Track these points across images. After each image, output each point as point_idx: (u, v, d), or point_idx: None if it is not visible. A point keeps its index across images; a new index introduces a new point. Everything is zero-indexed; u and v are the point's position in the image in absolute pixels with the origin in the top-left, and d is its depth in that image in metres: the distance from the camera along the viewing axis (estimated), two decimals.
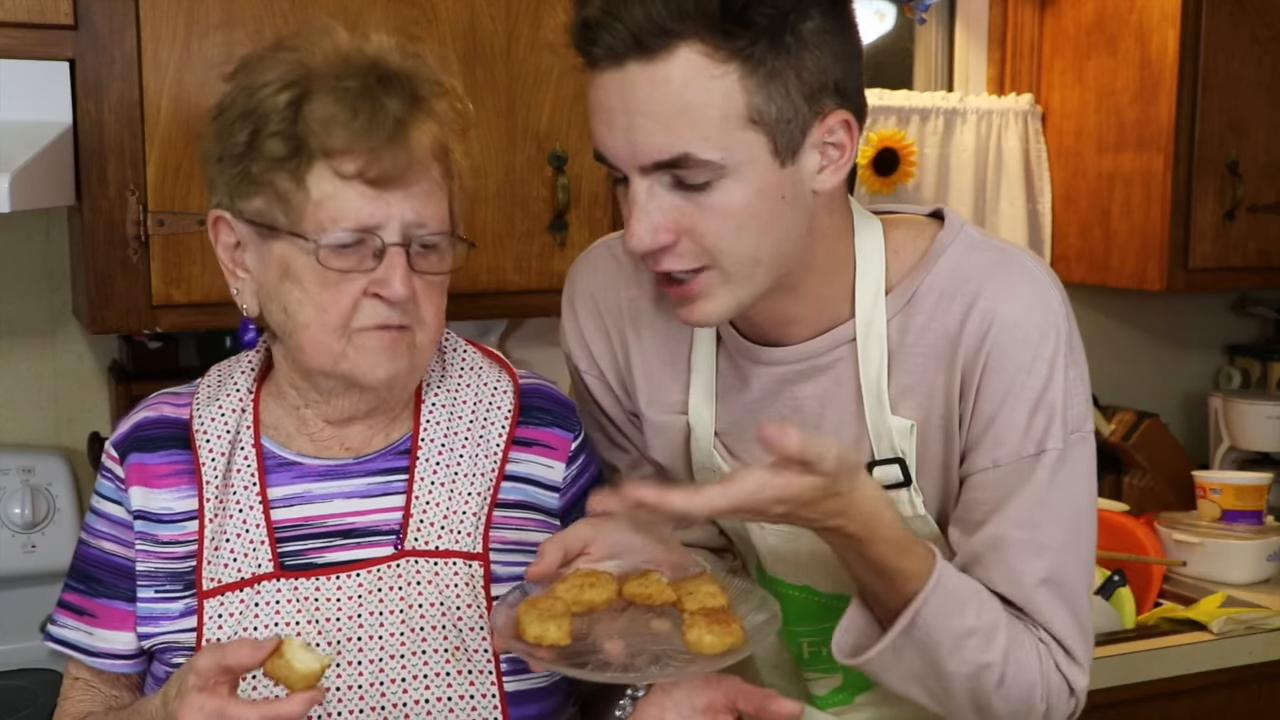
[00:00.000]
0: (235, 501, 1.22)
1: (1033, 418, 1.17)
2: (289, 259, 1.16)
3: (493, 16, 2.01)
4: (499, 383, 1.33)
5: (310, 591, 1.19)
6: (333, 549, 1.23)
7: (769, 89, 1.08)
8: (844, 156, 1.14)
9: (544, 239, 2.08)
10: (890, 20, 2.85)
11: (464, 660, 1.19)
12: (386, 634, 1.19)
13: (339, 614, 1.19)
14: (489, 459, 1.28)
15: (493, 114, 2.03)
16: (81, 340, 2.21)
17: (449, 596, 1.21)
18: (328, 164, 1.14)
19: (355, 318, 1.17)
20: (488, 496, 1.26)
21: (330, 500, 1.25)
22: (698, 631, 1.06)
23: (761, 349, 1.26)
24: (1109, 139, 2.72)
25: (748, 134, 1.08)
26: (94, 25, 1.78)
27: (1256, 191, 2.62)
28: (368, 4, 1.94)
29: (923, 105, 2.76)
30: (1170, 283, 2.60)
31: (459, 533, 1.24)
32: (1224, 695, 2.35)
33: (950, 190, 2.80)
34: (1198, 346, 3.18)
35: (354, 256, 1.15)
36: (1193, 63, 2.54)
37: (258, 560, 1.20)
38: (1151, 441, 2.88)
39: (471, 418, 1.30)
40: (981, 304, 1.18)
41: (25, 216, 2.14)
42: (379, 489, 1.26)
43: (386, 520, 1.24)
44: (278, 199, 1.16)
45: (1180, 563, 2.59)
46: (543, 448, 1.31)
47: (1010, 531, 1.19)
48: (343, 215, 1.14)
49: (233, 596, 1.18)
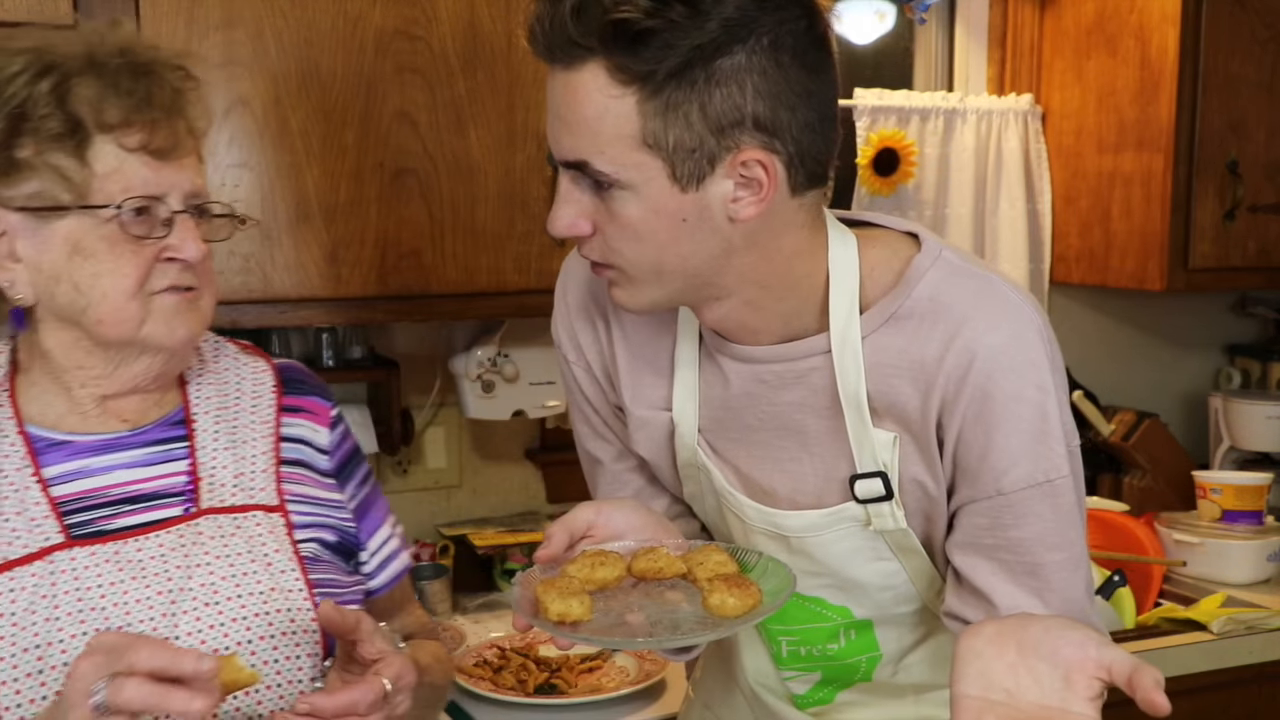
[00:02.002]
0: (9, 484, 1.21)
1: (1038, 447, 1.19)
2: (78, 235, 1.18)
3: (493, 17, 2.02)
4: (255, 363, 1.39)
5: (110, 555, 1.20)
6: (122, 515, 1.24)
7: (666, 117, 1.09)
8: (762, 191, 1.14)
9: (544, 239, 2.08)
10: (890, 20, 2.85)
11: (280, 599, 1.23)
12: (197, 585, 1.21)
13: (144, 572, 1.20)
14: (265, 424, 1.33)
15: (493, 114, 2.03)
16: None
17: (255, 545, 1.25)
18: (110, 137, 1.17)
19: (150, 281, 1.20)
20: (271, 455, 1.32)
21: (111, 471, 1.26)
22: (720, 595, 1.09)
23: (735, 345, 1.27)
24: (1109, 139, 2.72)
25: (641, 155, 1.11)
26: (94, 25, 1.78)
27: (1256, 191, 2.62)
28: (367, 4, 1.94)
29: (923, 105, 2.76)
30: (1170, 283, 2.61)
31: (253, 489, 1.29)
32: (1224, 695, 2.35)
33: (950, 190, 2.80)
34: (1198, 346, 3.18)
35: (145, 224, 1.19)
36: (1193, 63, 2.54)
37: (44, 534, 1.19)
38: (1151, 441, 2.88)
39: (238, 393, 1.35)
40: (965, 333, 1.18)
41: None
42: (159, 457, 1.28)
43: (172, 484, 1.27)
44: (59, 179, 1.17)
45: (1180, 563, 2.59)
46: (307, 413, 1.38)
47: (1046, 556, 1.21)
48: (131, 185, 1.18)
49: (23, 570, 1.18)
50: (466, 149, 2.03)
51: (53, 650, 1.15)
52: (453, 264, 2.05)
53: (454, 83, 2.01)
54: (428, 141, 2.00)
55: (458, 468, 2.56)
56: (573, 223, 1.16)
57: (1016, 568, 1.22)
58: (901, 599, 1.32)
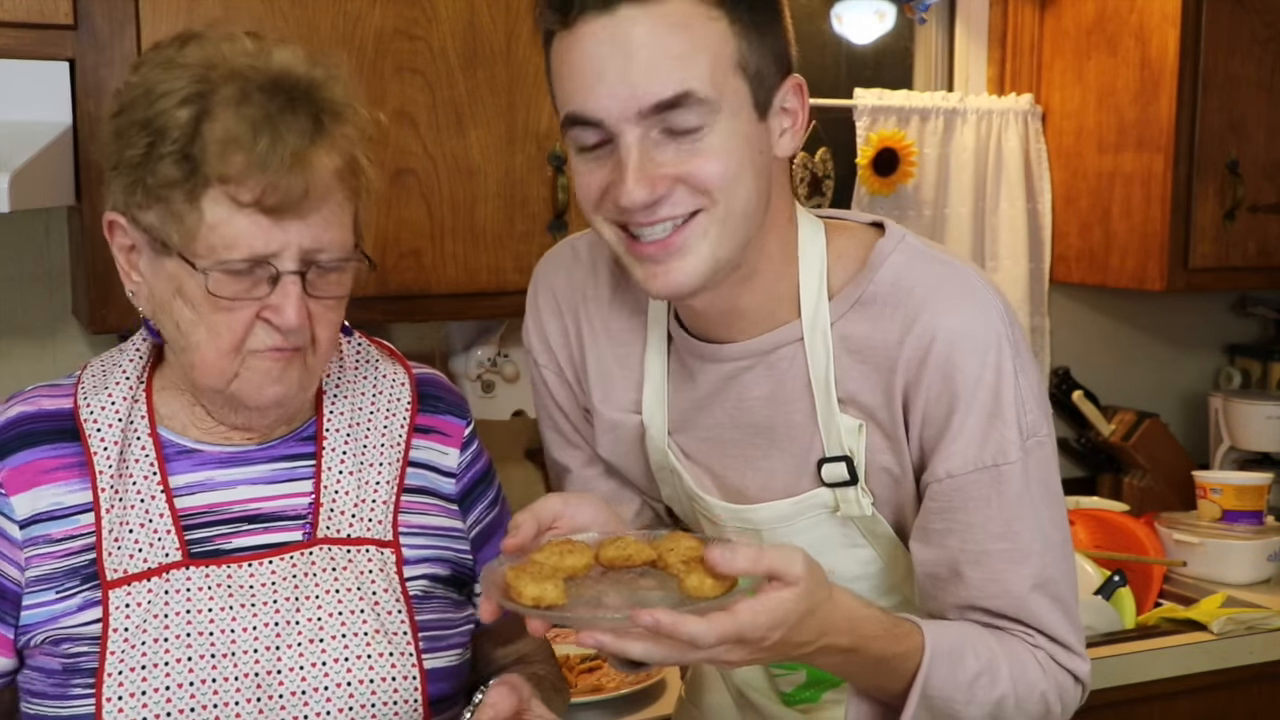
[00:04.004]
0: (135, 491, 1.20)
1: (988, 430, 1.18)
2: (180, 279, 1.15)
3: (493, 16, 2.01)
4: (395, 374, 1.34)
5: (223, 579, 1.19)
6: (240, 534, 1.22)
7: (751, 39, 1.13)
8: (796, 122, 1.19)
9: (544, 239, 2.08)
10: (890, 20, 2.85)
11: (384, 642, 1.20)
12: (304, 619, 1.19)
13: (254, 600, 1.19)
14: (394, 447, 1.30)
15: (493, 114, 2.03)
16: (81, 340, 2.21)
17: (365, 582, 1.22)
18: (223, 189, 1.11)
19: (248, 341, 1.16)
20: (395, 483, 1.28)
21: (234, 487, 1.24)
22: (697, 577, 1.06)
23: (708, 346, 1.27)
24: (1109, 139, 2.72)
25: (736, 80, 1.13)
26: (94, 25, 1.78)
27: (1256, 191, 2.62)
28: (367, 4, 1.94)
29: (923, 105, 2.76)
30: (1170, 283, 2.61)
31: (370, 520, 1.25)
32: (1224, 695, 2.35)
33: (950, 190, 2.80)
34: (1198, 346, 3.18)
35: (246, 282, 1.13)
36: (1193, 63, 2.54)
37: (164, 549, 1.18)
38: (1151, 441, 2.89)
39: (373, 408, 1.31)
40: (924, 317, 1.19)
41: (25, 216, 2.14)
42: (284, 474, 1.26)
43: (294, 506, 1.25)
44: (171, 217, 1.13)
45: (1180, 563, 2.59)
46: (439, 434, 1.34)
47: (990, 545, 1.20)
48: (236, 243, 1.12)
49: (140, 586, 1.17)
50: (466, 149, 2.03)
51: (158, 673, 1.14)
52: (453, 264, 2.05)
53: (454, 83, 2.01)
54: (428, 141, 2.00)
55: None
56: (655, 185, 1.11)
57: (960, 555, 1.21)
58: (880, 591, 1.32)
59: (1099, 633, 2.31)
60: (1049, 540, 1.22)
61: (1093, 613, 2.32)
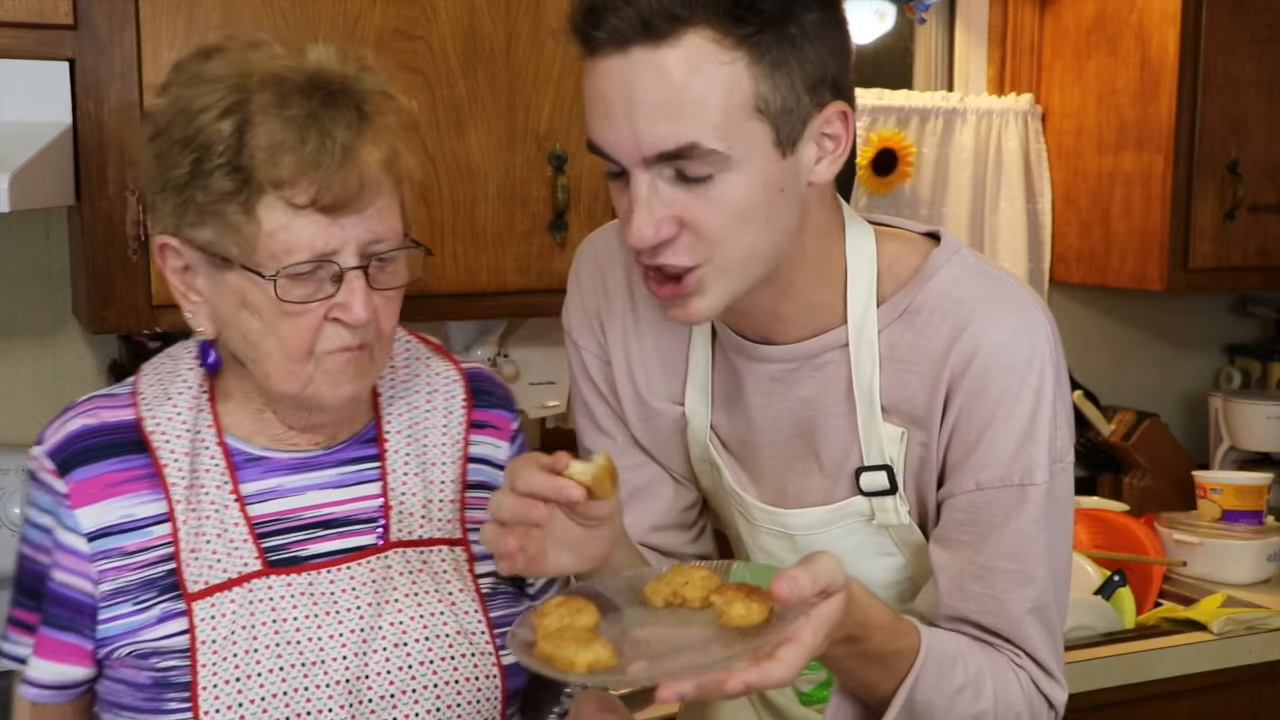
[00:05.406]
0: (209, 501, 1.20)
1: (1020, 448, 1.18)
2: (245, 291, 1.14)
3: (493, 16, 2.01)
4: (446, 370, 1.34)
5: (304, 587, 1.19)
6: (315, 540, 1.23)
7: (774, 78, 1.08)
8: (839, 148, 1.14)
9: (544, 239, 2.08)
10: (890, 20, 2.85)
11: (465, 643, 1.22)
12: (387, 624, 1.20)
13: (338, 607, 1.19)
14: (454, 445, 1.30)
15: (493, 114, 2.03)
16: (81, 340, 2.21)
17: (441, 583, 1.23)
18: (278, 194, 1.11)
19: (318, 343, 1.16)
20: (458, 481, 1.29)
21: (304, 493, 1.24)
22: (742, 606, 1.02)
23: (754, 345, 1.26)
24: (1109, 139, 2.72)
25: (753, 124, 1.08)
26: (94, 25, 1.78)
27: (1256, 191, 2.62)
28: (367, 4, 1.94)
29: (923, 105, 2.76)
30: (1170, 283, 2.61)
31: (439, 520, 1.26)
32: (1224, 695, 2.35)
33: (948, 190, 2.80)
34: (1198, 346, 3.18)
35: (311, 284, 1.13)
36: (1193, 63, 2.54)
37: (243, 559, 1.19)
38: (1151, 441, 2.88)
39: (429, 406, 1.31)
40: (971, 329, 1.18)
41: (25, 216, 2.14)
42: (352, 478, 1.26)
43: (365, 509, 1.25)
44: (228, 230, 1.13)
45: (1180, 563, 2.59)
46: (492, 429, 1.34)
47: (998, 563, 1.20)
48: (297, 246, 1.12)
49: (223, 597, 1.17)
50: (466, 149, 2.03)
51: (251, 684, 1.15)
52: (453, 264, 2.04)
53: (454, 83, 2.01)
54: (428, 141, 2.00)
55: None
56: (659, 228, 1.09)
57: (966, 567, 1.21)
58: (906, 598, 1.32)
59: (1099, 633, 2.31)
60: (1054, 567, 1.22)
61: (1093, 613, 2.32)
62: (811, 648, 0.99)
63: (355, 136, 1.13)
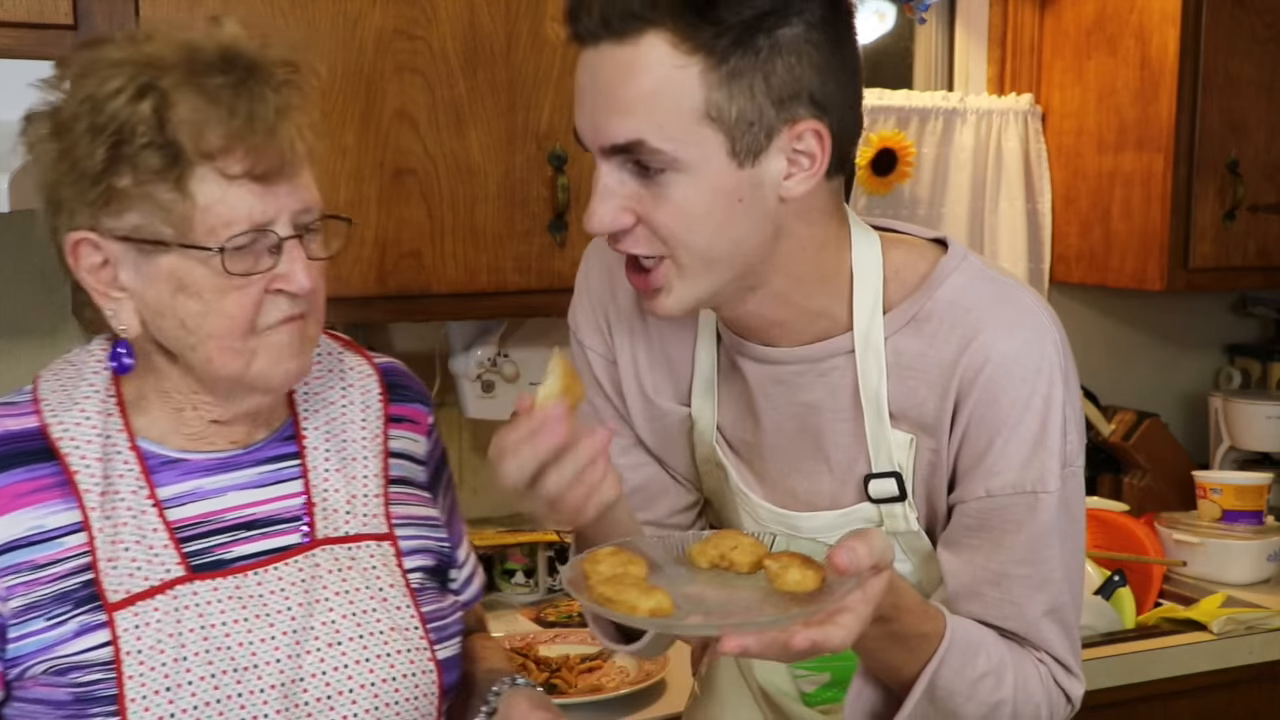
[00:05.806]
0: (126, 507, 1.16)
1: (1031, 455, 1.18)
2: (182, 273, 1.12)
3: (493, 16, 2.01)
4: (360, 365, 1.34)
5: (231, 590, 1.17)
6: (239, 542, 1.20)
7: (730, 87, 1.08)
8: (814, 166, 1.13)
9: (544, 239, 2.08)
10: (890, 20, 2.85)
11: (400, 639, 1.21)
12: (319, 624, 1.18)
13: (267, 610, 1.17)
14: (374, 440, 1.29)
15: (493, 114, 2.03)
16: (81, 340, 2.19)
17: (371, 579, 1.22)
18: (211, 166, 1.09)
19: (260, 317, 1.14)
20: (380, 475, 1.28)
21: (224, 494, 1.21)
22: (798, 572, 1.04)
23: (756, 346, 1.26)
24: (1109, 139, 2.72)
25: (703, 130, 1.08)
26: (94, 25, 1.78)
27: (1256, 191, 2.62)
28: (367, 4, 1.94)
29: (922, 105, 2.76)
30: (1170, 283, 2.61)
31: (364, 515, 1.25)
32: (1224, 695, 2.35)
33: (948, 190, 2.80)
34: (1198, 346, 3.18)
35: (250, 257, 1.12)
36: (1193, 63, 2.54)
37: (164, 565, 1.15)
38: (1151, 441, 2.88)
39: (345, 402, 1.30)
40: (981, 338, 1.18)
41: (25, 216, 2.13)
42: (271, 477, 1.24)
43: (287, 508, 1.23)
44: (158, 211, 1.10)
45: (1180, 563, 2.59)
46: (410, 423, 1.33)
47: (1014, 569, 1.21)
48: (235, 217, 1.10)
49: (146, 605, 1.13)
50: (466, 149, 2.03)
51: (182, 693, 1.12)
52: (453, 264, 2.05)
53: (454, 83, 2.01)
54: (428, 141, 2.00)
55: (457, 467, 2.55)
56: (615, 216, 1.12)
57: (981, 573, 1.22)
58: None
59: (1099, 633, 2.31)
60: (1068, 569, 1.23)
61: (1093, 613, 2.32)
62: (864, 619, 1.00)
63: (281, 105, 1.13)
